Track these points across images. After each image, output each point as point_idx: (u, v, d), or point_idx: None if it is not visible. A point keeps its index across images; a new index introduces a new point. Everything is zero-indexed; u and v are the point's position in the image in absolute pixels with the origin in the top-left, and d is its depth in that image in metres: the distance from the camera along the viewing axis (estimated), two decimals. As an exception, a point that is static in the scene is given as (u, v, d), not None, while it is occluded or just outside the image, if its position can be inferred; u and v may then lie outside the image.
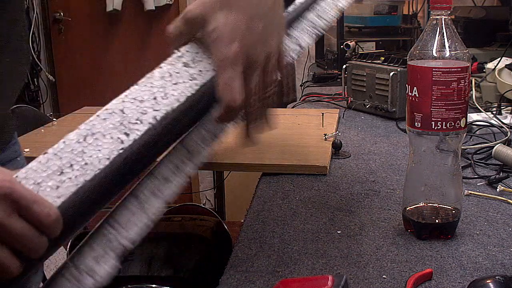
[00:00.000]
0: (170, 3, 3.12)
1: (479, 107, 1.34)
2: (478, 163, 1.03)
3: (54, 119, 1.43)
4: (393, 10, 2.47)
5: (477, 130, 1.21)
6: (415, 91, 0.72)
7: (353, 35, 2.43)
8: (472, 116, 1.26)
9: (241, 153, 1.07)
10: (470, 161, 1.02)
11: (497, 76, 1.46)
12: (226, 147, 1.06)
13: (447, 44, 0.71)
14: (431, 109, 0.70)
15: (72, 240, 1.29)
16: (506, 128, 1.18)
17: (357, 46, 2.11)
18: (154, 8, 3.07)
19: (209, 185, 3.18)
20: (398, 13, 2.49)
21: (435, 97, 0.70)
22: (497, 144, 1.05)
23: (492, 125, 1.20)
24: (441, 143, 0.73)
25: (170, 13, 3.16)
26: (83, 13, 3.23)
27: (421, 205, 0.76)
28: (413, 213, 0.76)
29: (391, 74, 1.35)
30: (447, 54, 0.71)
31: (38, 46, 3.17)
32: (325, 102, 1.65)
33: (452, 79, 0.69)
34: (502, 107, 1.36)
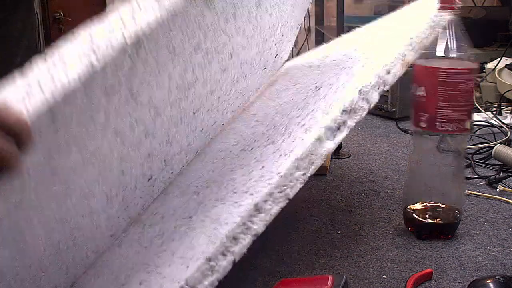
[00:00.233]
0: (170, 3, 3.12)
1: (479, 107, 1.34)
2: (478, 163, 1.03)
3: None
4: (393, 10, 2.45)
5: (477, 130, 1.21)
6: (422, 91, 0.71)
7: (353, 35, 2.43)
8: (472, 116, 1.26)
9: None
10: (470, 161, 1.02)
11: (497, 76, 1.46)
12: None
13: (455, 45, 0.71)
14: (437, 109, 0.70)
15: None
16: (506, 128, 1.18)
17: (357, 46, 2.11)
18: (154, 8, 3.07)
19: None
20: (398, 13, 2.48)
21: (441, 98, 0.69)
22: (497, 144, 1.05)
23: (492, 125, 1.20)
24: (441, 143, 0.73)
25: (170, 13, 3.16)
26: (83, 13, 3.22)
27: (422, 205, 0.76)
28: (414, 213, 0.76)
29: (391, 74, 1.34)
30: (454, 54, 0.71)
31: (38, 46, 3.17)
32: (325, 102, 1.64)
33: (460, 80, 0.69)
34: (502, 107, 1.37)
